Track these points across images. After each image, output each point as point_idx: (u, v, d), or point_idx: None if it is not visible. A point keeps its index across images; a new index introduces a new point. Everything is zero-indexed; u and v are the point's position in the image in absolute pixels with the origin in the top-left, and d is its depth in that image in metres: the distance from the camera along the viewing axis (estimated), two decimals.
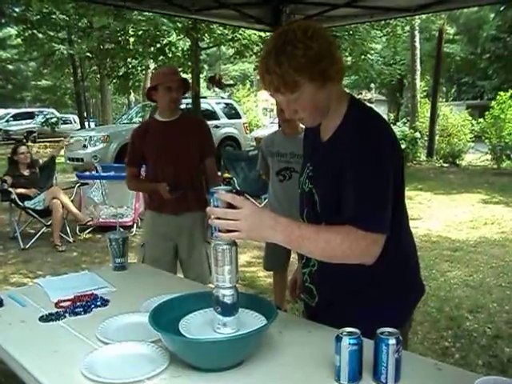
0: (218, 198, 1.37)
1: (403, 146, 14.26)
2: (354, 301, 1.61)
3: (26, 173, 6.71)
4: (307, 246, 1.44)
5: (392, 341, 1.29)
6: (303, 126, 1.90)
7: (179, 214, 3.27)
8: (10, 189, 6.39)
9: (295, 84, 1.43)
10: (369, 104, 1.75)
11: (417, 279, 1.75)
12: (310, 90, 1.46)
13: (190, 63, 12.70)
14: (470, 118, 16.06)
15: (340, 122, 1.55)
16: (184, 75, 16.85)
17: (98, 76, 19.27)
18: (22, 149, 6.80)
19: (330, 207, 1.55)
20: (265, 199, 6.73)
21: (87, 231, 6.90)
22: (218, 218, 1.38)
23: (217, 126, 13.72)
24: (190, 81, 13.87)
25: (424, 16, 15.94)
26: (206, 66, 19.58)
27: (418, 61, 18.74)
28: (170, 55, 12.51)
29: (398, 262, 1.64)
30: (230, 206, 1.38)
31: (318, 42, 1.43)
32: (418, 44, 18.62)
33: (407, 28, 17.36)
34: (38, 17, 14.46)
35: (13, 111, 29.46)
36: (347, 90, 1.66)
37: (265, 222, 1.39)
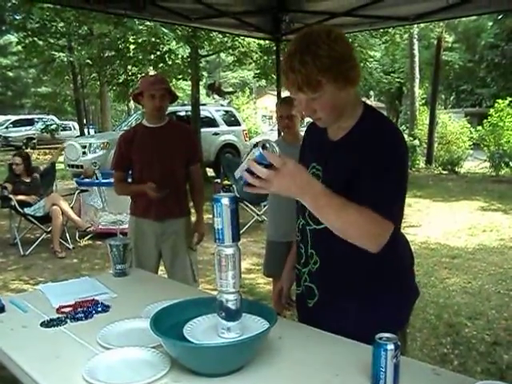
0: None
1: None
2: (354, 300, 1.64)
3: (26, 179, 6.73)
4: (330, 216, 1.44)
5: (390, 346, 1.30)
6: (303, 134, 1.92)
7: (162, 220, 3.30)
8: (10, 195, 6.40)
9: (318, 84, 1.48)
10: None
11: (414, 281, 1.78)
12: (332, 90, 1.51)
13: (189, 70, 12.71)
14: (469, 125, 16.12)
15: (355, 123, 1.61)
16: (184, 82, 16.93)
17: (98, 83, 19.28)
18: (15, 159, 6.74)
19: None
20: (264, 206, 6.76)
21: (87, 238, 6.91)
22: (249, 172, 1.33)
23: (216, 133, 13.75)
24: (190, 88, 13.93)
25: (423, 24, 16.00)
26: (205, 74, 19.63)
27: (417, 68, 18.83)
28: (169, 63, 12.53)
29: (397, 263, 1.70)
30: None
31: (341, 44, 1.50)
32: (416, 52, 18.71)
33: (406, 36, 17.44)
34: (38, 24, 14.50)
35: (12, 118, 29.46)
36: None
37: (296, 182, 1.36)
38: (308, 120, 1.77)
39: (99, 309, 1.95)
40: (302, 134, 3.38)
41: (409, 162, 1.65)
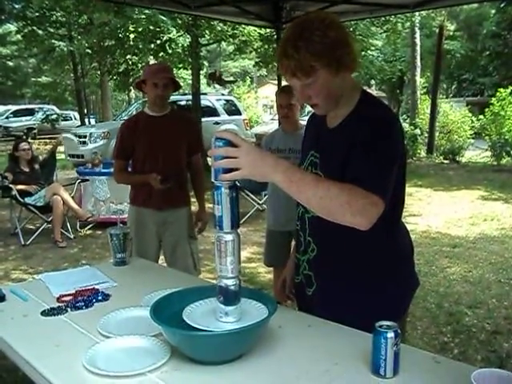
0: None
1: None
2: (353, 288, 1.64)
3: (27, 169, 6.72)
4: (306, 192, 1.39)
5: (390, 334, 1.30)
6: (303, 123, 1.92)
7: (164, 209, 3.30)
8: (11, 185, 6.40)
9: (311, 69, 1.49)
10: None
11: (413, 271, 1.78)
12: (325, 76, 1.51)
13: (190, 60, 12.66)
14: (470, 114, 16.04)
15: (351, 110, 1.59)
16: (184, 71, 16.86)
17: (98, 72, 19.22)
18: (24, 145, 6.83)
19: None
20: (265, 195, 6.75)
21: (88, 227, 6.92)
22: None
23: (217, 123, 13.71)
24: (190, 77, 13.88)
25: (424, 12, 15.89)
26: (206, 63, 19.55)
27: (419, 57, 18.71)
28: (170, 52, 12.47)
29: (397, 252, 1.70)
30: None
31: (335, 30, 1.49)
32: (418, 41, 18.58)
33: (407, 24, 17.31)
34: (38, 14, 14.44)
35: (13, 108, 29.40)
36: None
37: (266, 160, 1.37)
38: (309, 109, 1.77)
39: (99, 298, 1.95)
40: (302, 122, 3.37)
41: (402, 144, 1.61)
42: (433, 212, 8.06)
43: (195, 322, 1.45)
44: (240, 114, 14.86)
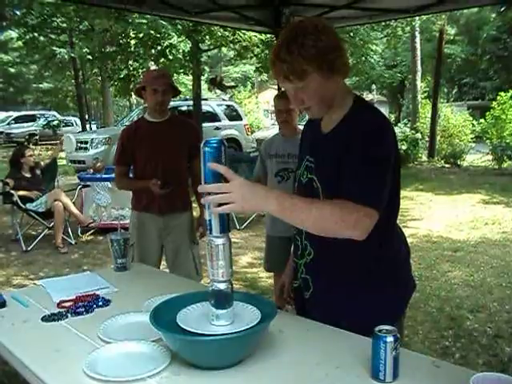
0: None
1: (404, 147, 14.27)
2: (349, 292, 1.65)
3: (28, 175, 6.73)
4: (299, 216, 1.45)
5: (390, 338, 1.30)
6: (301, 128, 1.93)
7: (165, 214, 3.30)
8: (12, 191, 6.41)
9: (303, 72, 1.51)
10: None
11: (410, 273, 1.79)
12: (318, 79, 1.53)
13: (190, 65, 12.71)
14: (471, 118, 16.06)
15: (344, 115, 1.61)
16: (185, 77, 16.92)
17: (100, 78, 19.33)
18: (29, 151, 6.87)
19: (334, 194, 1.59)
20: None
21: (89, 233, 6.92)
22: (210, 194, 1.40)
23: (218, 128, 13.75)
24: (191, 83, 13.92)
25: (424, 17, 15.93)
26: (207, 68, 19.63)
27: (419, 62, 18.74)
28: (170, 57, 12.52)
29: (392, 256, 1.71)
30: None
31: (328, 35, 1.52)
32: (418, 45, 18.62)
33: (407, 29, 17.36)
34: (39, 20, 14.50)
35: (14, 114, 29.53)
36: None
37: (257, 192, 1.42)
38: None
39: (100, 303, 1.95)
40: (301, 127, 3.39)
41: (395, 150, 1.61)
42: (434, 216, 8.05)
43: (189, 326, 1.45)
44: (241, 119, 14.90)
